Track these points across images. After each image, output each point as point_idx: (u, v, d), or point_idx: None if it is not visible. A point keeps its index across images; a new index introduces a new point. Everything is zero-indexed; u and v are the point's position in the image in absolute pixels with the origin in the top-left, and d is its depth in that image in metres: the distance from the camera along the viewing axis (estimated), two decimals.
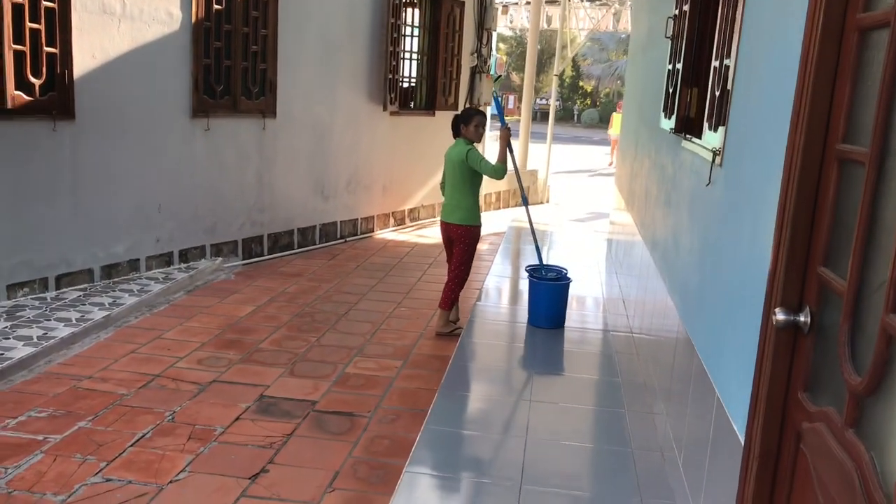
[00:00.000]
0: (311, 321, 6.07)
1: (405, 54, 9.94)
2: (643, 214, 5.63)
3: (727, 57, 3.17)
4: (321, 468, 3.76)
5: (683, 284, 3.72)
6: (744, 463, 2.32)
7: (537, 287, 5.89)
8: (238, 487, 3.54)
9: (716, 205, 3.11)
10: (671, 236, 4.21)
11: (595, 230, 10.82)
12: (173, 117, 6.90)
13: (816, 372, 2.04)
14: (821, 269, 2.01)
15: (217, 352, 5.26)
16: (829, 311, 1.98)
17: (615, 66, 40.41)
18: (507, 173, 5.65)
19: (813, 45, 2.04)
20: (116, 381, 4.67)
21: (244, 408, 4.40)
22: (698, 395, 3.14)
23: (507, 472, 3.63)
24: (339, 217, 9.17)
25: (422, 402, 4.57)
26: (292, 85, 8.08)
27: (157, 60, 6.67)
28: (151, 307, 6.16)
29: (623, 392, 4.71)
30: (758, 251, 2.44)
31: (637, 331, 5.27)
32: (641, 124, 6.35)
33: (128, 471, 3.63)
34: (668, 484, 3.54)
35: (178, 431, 4.06)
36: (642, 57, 7.03)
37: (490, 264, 8.16)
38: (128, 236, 6.66)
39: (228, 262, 7.64)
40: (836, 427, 1.81)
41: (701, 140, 3.56)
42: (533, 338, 5.74)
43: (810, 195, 2.08)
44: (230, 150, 7.52)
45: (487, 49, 11.62)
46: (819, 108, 2.04)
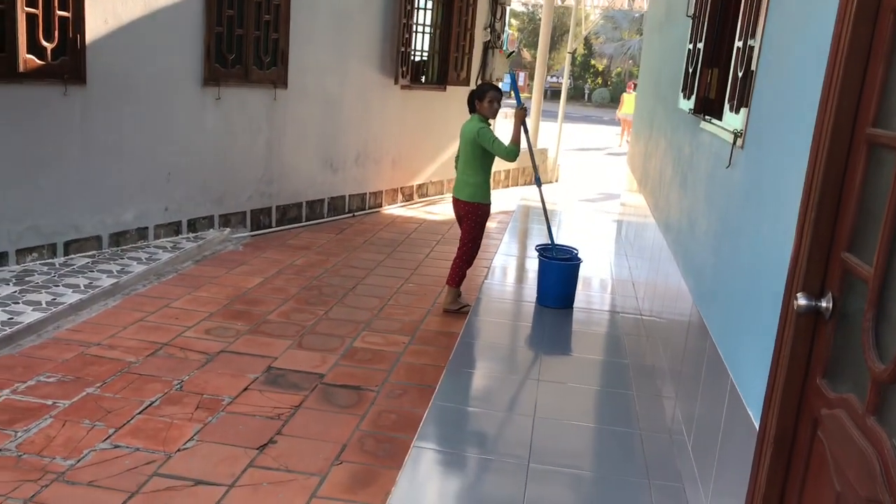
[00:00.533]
0: (319, 294, 6.06)
1: (418, 27, 9.85)
2: (657, 196, 5.58)
3: (752, 37, 3.11)
4: (329, 440, 3.76)
5: (698, 267, 3.70)
6: (758, 448, 2.30)
7: (547, 267, 5.87)
8: (246, 457, 3.55)
9: (735, 187, 3.07)
10: (686, 218, 4.17)
11: (605, 211, 10.77)
12: (184, 85, 6.85)
13: (837, 358, 2.02)
14: (845, 255, 1.98)
15: (225, 322, 5.26)
16: (853, 297, 1.95)
17: (628, 46, 40.05)
18: (519, 155, 5.60)
19: (846, 25, 2.00)
20: (124, 348, 4.68)
21: (252, 378, 4.40)
22: (711, 379, 3.12)
23: (514, 450, 3.63)
24: (347, 191, 9.14)
25: (429, 378, 4.56)
26: (304, 56, 8.02)
27: (169, 27, 6.61)
28: (159, 276, 6.16)
29: (631, 374, 4.70)
30: (779, 235, 2.41)
31: (647, 313, 5.25)
32: (657, 104, 6.28)
33: (136, 438, 3.64)
34: (676, 467, 3.54)
35: (186, 400, 4.07)
36: (659, 36, 6.95)
37: (499, 243, 8.13)
38: (136, 204, 6.64)
39: (236, 232, 7.63)
40: (857, 414, 1.79)
41: (721, 121, 3.51)
42: (541, 317, 5.72)
43: (837, 179, 2.04)
44: (240, 120, 7.48)
45: (501, 24, 11.51)
46: (850, 90, 2.00)
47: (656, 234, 5.29)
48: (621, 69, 42.79)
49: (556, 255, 6.01)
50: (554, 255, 6.02)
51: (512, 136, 5.60)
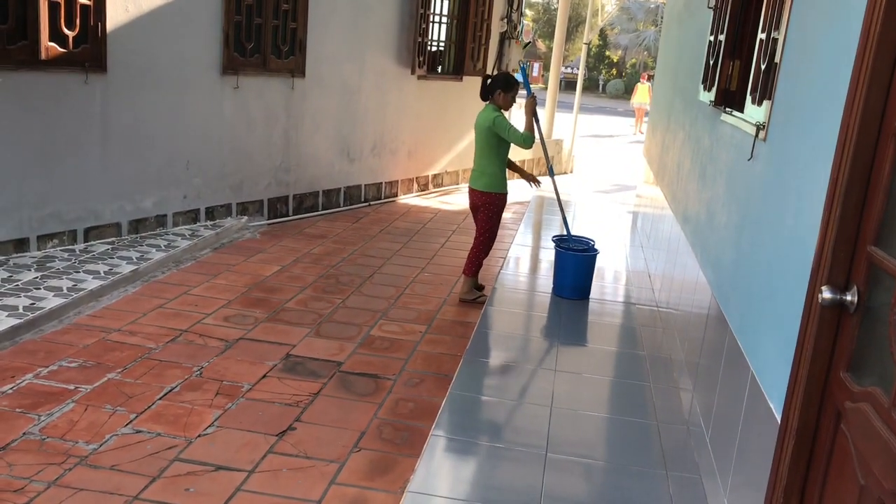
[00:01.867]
0: (336, 283, 6.09)
1: (435, 17, 9.83)
2: (674, 187, 5.57)
3: (776, 29, 3.10)
4: (347, 428, 3.79)
5: (717, 260, 3.69)
6: (779, 441, 2.31)
7: (564, 257, 5.87)
8: (265, 444, 3.58)
9: (757, 180, 3.07)
10: (705, 210, 4.16)
11: (620, 202, 10.75)
12: (203, 74, 6.88)
13: (861, 352, 2.02)
14: (871, 249, 1.98)
15: (243, 309, 5.30)
16: (879, 291, 1.95)
17: (643, 37, 39.82)
18: (534, 142, 5.60)
19: (876, 18, 1.99)
20: (145, 334, 4.72)
21: (271, 366, 4.43)
22: (730, 372, 3.13)
23: (531, 440, 3.65)
24: (363, 180, 9.16)
25: (446, 367, 4.59)
26: (321, 45, 8.03)
27: (188, 16, 6.63)
28: (178, 263, 6.20)
29: (647, 365, 4.70)
30: (802, 228, 2.41)
31: (663, 305, 5.25)
32: (676, 96, 6.26)
33: (157, 423, 3.68)
34: (694, 458, 3.55)
35: (206, 387, 4.11)
36: (678, 27, 6.91)
37: (514, 233, 8.14)
38: (156, 191, 6.68)
39: (254, 221, 7.67)
40: (882, 407, 1.80)
41: (743, 113, 3.50)
42: (557, 308, 5.73)
43: (864, 173, 2.04)
44: (258, 108, 7.51)
45: (518, 15, 11.47)
46: (878, 84, 1.99)
47: (674, 226, 5.28)
48: (636, 60, 42.56)
49: (572, 246, 6.01)
50: (570, 245, 6.02)
51: (525, 124, 5.60)
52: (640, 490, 3.31)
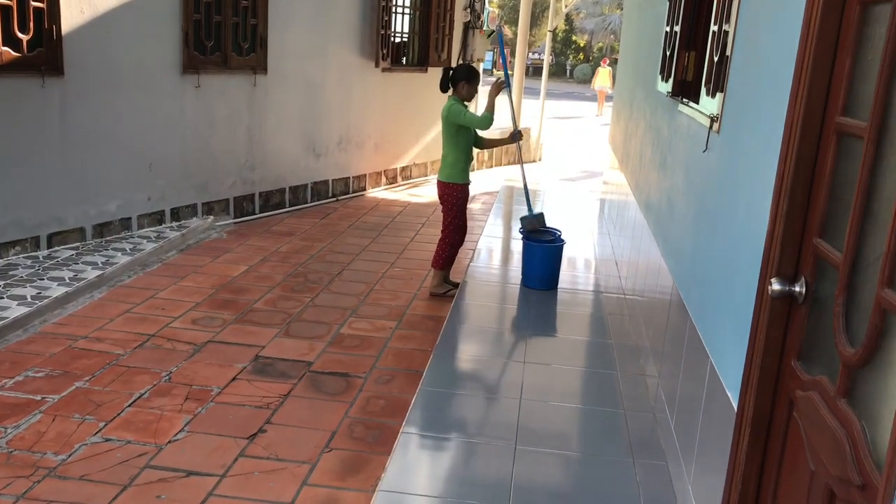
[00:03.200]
0: (305, 281, 6.09)
1: (397, 9, 9.80)
2: (637, 176, 5.63)
3: (726, 22, 3.15)
4: (318, 428, 3.81)
5: (677, 249, 3.75)
6: (736, 428, 2.37)
7: (532, 249, 5.92)
8: (236, 447, 3.59)
9: (712, 172, 3.12)
10: (666, 200, 4.22)
11: (588, 190, 10.82)
12: (163, 74, 6.82)
13: (810, 341, 2.08)
14: (817, 241, 2.03)
15: (211, 312, 5.29)
16: (825, 282, 2.01)
17: (609, 21, 39.95)
18: (492, 122, 5.60)
19: (815, 15, 2.04)
20: (112, 340, 4.70)
21: (240, 368, 4.44)
22: (691, 359, 3.19)
23: (501, 433, 3.69)
24: (330, 175, 9.14)
25: (416, 363, 4.62)
26: (283, 41, 7.98)
27: (146, 16, 6.56)
28: (144, 266, 6.16)
29: (615, 354, 4.77)
30: (754, 220, 2.46)
31: (629, 292, 5.31)
32: (637, 85, 6.31)
33: (127, 430, 3.67)
34: (661, 445, 3.61)
35: (176, 392, 4.10)
36: (638, 15, 6.97)
37: (483, 224, 8.17)
38: (119, 194, 6.62)
39: (220, 220, 7.63)
40: (829, 396, 1.85)
41: (698, 105, 3.56)
42: (526, 299, 5.78)
43: (808, 167, 2.09)
44: (221, 107, 7.45)
45: (480, 4, 11.48)
46: (819, 80, 2.04)
47: (637, 214, 5.34)
48: (602, 44, 42.70)
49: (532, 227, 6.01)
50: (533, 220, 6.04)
51: (487, 104, 5.63)
52: (607, 478, 3.36)
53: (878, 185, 1.73)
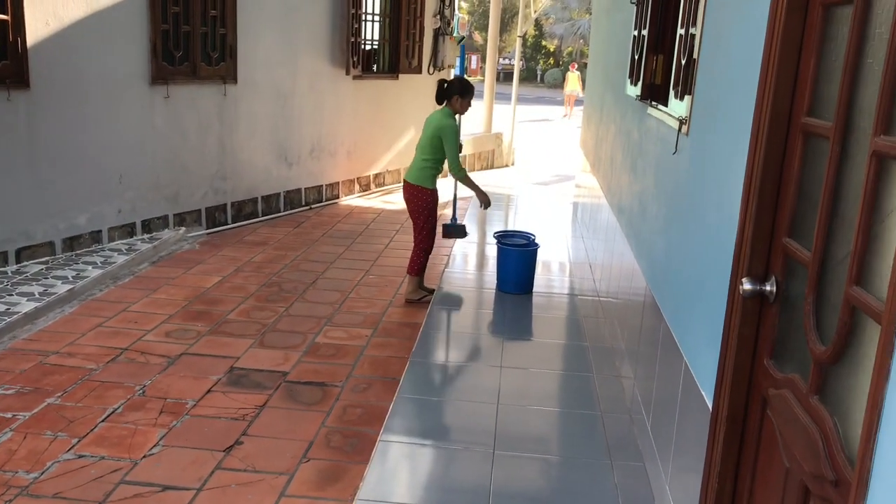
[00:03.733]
0: (279, 291, 6.05)
1: (367, 16, 9.80)
2: (609, 179, 5.67)
3: (693, 25, 3.18)
4: (295, 439, 3.78)
5: (650, 251, 3.78)
6: (711, 427, 2.39)
7: (506, 253, 5.93)
8: (213, 460, 3.56)
9: (682, 173, 3.15)
10: (638, 202, 4.25)
11: (561, 193, 10.87)
12: (132, 85, 6.75)
13: (782, 340, 2.10)
14: (786, 240, 2.06)
15: (185, 324, 5.23)
16: (795, 281, 2.03)
17: (578, 25, 40.26)
18: (462, 177, 5.67)
19: (779, 17, 2.06)
20: (84, 355, 4.63)
21: (215, 380, 4.39)
22: (666, 360, 3.21)
23: (479, 438, 3.69)
24: (303, 184, 9.10)
25: (393, 371, 4.60)
26: (252, 50, 7.94)
27: (113, 27, 6.50)
28: (116, 279, 6.09)
29: (591, 356, 4.79)
30: (724, 221, 2.48)
31: (604, 294, 5.34)
32: (607, 89, 6.36)
33: (100, 446, 3.62)
34: (637, 446, 3.63)
35: (150, 405, 4.05)
36: (607, 20, 7.02)
37: None
38: (89, 207, 6.54)
39: (192, 231, 7.56)
40: (801, 393, 1.87)
41: (667, 108, 3.59)
42: (502, 303, 5.79)
43: (776, 167, 2.12)
44: (191, 117, 7.40)
45: (450, 10, 11.50)
46: (785, 81, 2.07)
47: (610, 217, 5.38)
48: (572, 49, 42.99)
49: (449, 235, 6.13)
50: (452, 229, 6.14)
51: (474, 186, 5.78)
52: (586, 481, 3.38)
53: (844, 184, 1.75)
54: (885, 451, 1.32)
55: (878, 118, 1.51)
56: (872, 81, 1.63)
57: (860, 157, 1.67)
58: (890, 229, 1.49)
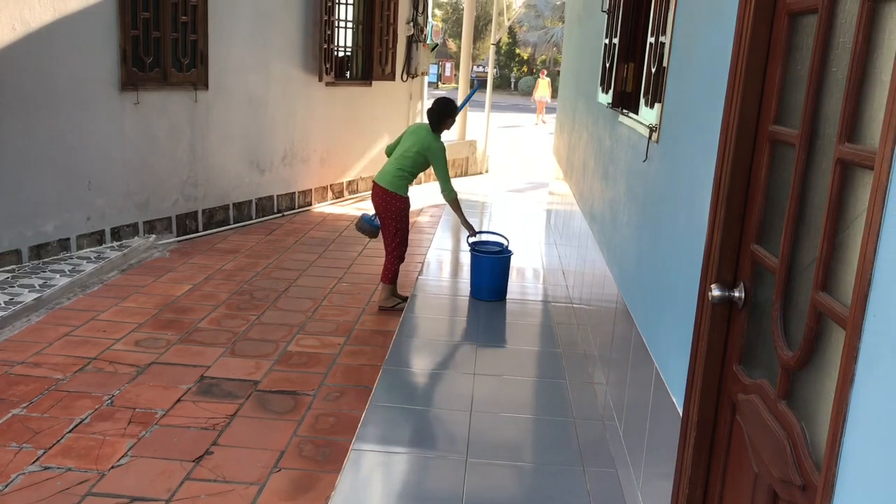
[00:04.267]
0: (251, 299, 6.00)
1: (340, 23, 9.78)
2: (581, 186, 5.70)
3: (663, 34, 3.21)
4: (266, 448, 3.75)
5: (621, 258, 3.80)
6: (682, 432, 2.40)
7: (480, 260, 5.93)
8: (182, 470, 3.51)
9: (652, 181, 3.17)
10: (609, 209, 4.28)
11: (534, 200, 10.91)
12: (101, 91, 6.67)
13: (751, 346, 2.12)
14: (754, 247, 2.07)
15: (155, 332, 5.17)
16: (763, 287, 2.05)
17: (551, 34, 40.49)
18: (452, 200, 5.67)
19: (746, 26, 2.09)
20: (51, 365, 4.56)
21: (185, 389, 4.34)
22: (637, 366, 3.23)
23: (453, 446, 3.68)
24: (275, 191, 9.05)
25: (366, 379, 4.58)
26: (224, 56, 7.89)
27: (82, 32, 6.42)
28: (84, 287, 6.01)
29: (564, 362, 4.80)
30: (693, 228, 2.50)
31: (577, 301, 5.36)
32: (579, 97, 6.40)
33: (67, 458, 3.56)
34: (610, 452, 3.64)
35: (118, 415, 3.99)
36: (579, 28, 7.07)
37: (432, 237, 8.18)
38: (56, 215, 6.45)
39: (162, 239, 7.48)
40: (770, 398, 1.89)
41: (638, 116, 3.61)
42: (475, 310, 5.79)
43: (744, 175, 2.14)
44: (161, 123, 7.33)
45: (423, 18, 11.52)
46: (752, 89, 2.09)
47: (582, 224, 5.40)
48: (546, 57, 43.24)
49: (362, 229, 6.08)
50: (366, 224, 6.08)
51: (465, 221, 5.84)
52: (558, 487, 3.38)
53: (810, 191, 1.77)
54: (850, 455, 1.33)
55: (842, 126, 1.53)
56: (837, 90, 1.65)
57: (825, 165, 1.69)
58: (855, 236, 1.51)
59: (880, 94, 1.43)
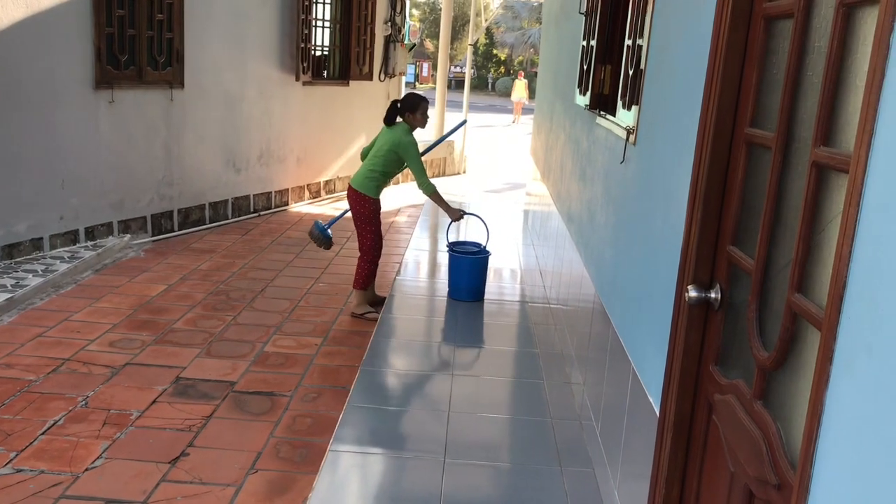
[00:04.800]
0: (227, 299, 5.96)
1: (317, 22, 9.75)
2: (559, 187, 5.72)
3: (640, 36, 3.23)
4: (243, 449, 3.73)
5: (599, 259, 3.82)
6: (659, 432, 2.42)
7: (458, 261, 5.94)
8: (158, 472, 3.48)
9: (629, 182, 3.19)
10: (587, 210, 4.30)
11: (512, 201, 10.94)
12: (75, 89, 6.60)
13: (727, 346, 2.14)
14: (730, 248, 2.09)
15: (129, 333, 5.12)
16: (739, 288, 2.07)
17: (528, 35, 40.62)
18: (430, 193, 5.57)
19: (722, 30, 2.11)
20: (23, 366, 4.50)
21: (160, 390, 4.30)
22: (614, 366, 3.24)
23: (430, 447, 3.68)
24: (252, 190, 8.99)
25: (343, 380, 4.57)
26: (200, 55, 7.84)
27: (55, 30, 6.34)
28: (58, 288, 5.93)
29: (541, 362, 4.81)
30: (670, 229, 2.52)
31: (554, 301, 5.38)
32: (556, 98, 6.43)
33: (40, 460, 3.52)
34: (587, 452, 3.66)
35: (93, 417, 3.95)
36: (556, 30, 7.10)
37: (409, 237, 8.17)
38: (29, 214, 6.37)
39: (137, 238, 7.41)
40: (745, 399, 1.91)
41: (615, 117, 3.63)
42: (453, 311, 5.79)
43: (720, 176, 2.16)
44: (136, 122, 7.26)
45: (401, 18, 11.52)
46: (728, 92, 2.11)
47: (560, 224, 5.42)
48: (523, 58, 43.38)
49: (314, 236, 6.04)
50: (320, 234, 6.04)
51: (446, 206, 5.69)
52: (535, 487, 3.39)
53: (785, 193, 1.80)
54: (825, 454, 1.35)
55: (818, 129, 1.55)
56: (812, 93, 1.67)
57: (801, 167, 1.71)
58: (830, 238, 1.53)
59: (855, 98, 1.45)
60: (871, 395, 1.21)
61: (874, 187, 1.25)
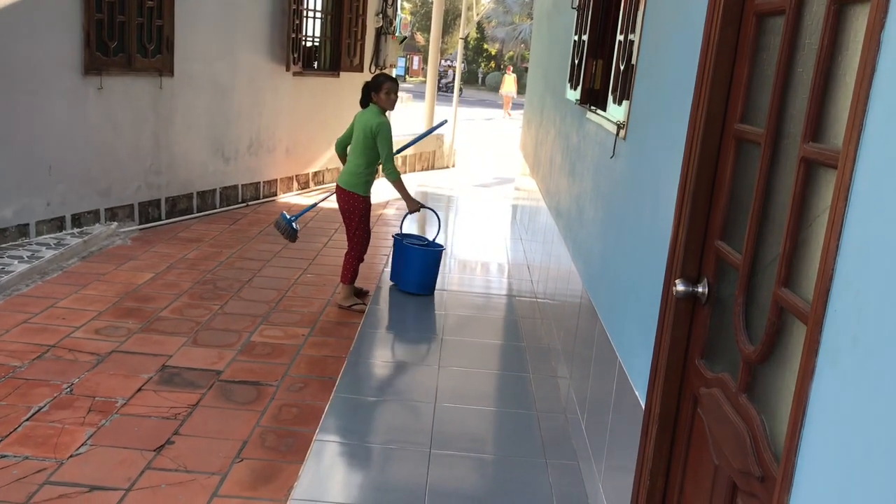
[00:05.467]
0: (214, 288, 5.94)
1: (308, 13, 9.71)
2: (548, 182, 5.74)
3: (632, 32, 3.24)
4: (228, 438, 3.72)
5: (587, 253, 3.84)
6: (644, 425, 2.44)
7: (409, 252, 5.89)
8: (143, 460, 3.47)
9: (619, 177, 3.21)
10: (575, 205, 4.31)
11: (500, 195, 10.95)
12: (64, 75, 6.55)
13: (713, 340, 2.16)
14: (718, 243, 2.11)
15: (115, 321, 5.10)
16: (726, 282, 2.09)
17: (519, 30, 40.60)
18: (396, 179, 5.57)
19: (714, 26, 2.12)
20: (8, 352, 4.47)
21: (146, 378, 4.29)
22: (601, 360, 3.26)
23: (416, 438, 3.69)
24: (240, 180, 8.96)
25: (330, 370, 4.57)
26: (190, 43, 7.79)
27: (44, 15, 6.29)
28: (43, 274, 5.90)
29: (528, 356, 4.83)
30: (659, 224, 2.54)
31: (541, 296, 5.40)
32: (547, 92, 6.43)
33: (24, 446, 3.50)
34: (572, 445, 3.68)
35: (78, 404, 3.94)
36: (548, 24, 7.10)
37: (397, 230, 8.14)
38: (15, 200, 6.32)
39: (124, 226, 7.37)
40: (731, 392, 1.93)
41: (605, 112, 3.65)
42: (441, 303, 5.80)
43: (710, 172, 2.17)
44: (125, 109, 7.21)
45: (392, 10, 11.49)
46: (719, 88, 2.13)
47: (548, 219, 5.44)
48: (513, 53, 43.37)
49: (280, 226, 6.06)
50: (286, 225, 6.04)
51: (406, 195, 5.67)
52: (520, 480, 3.40)
53: (774, 189, 1.81)
54: (809, 447, 1.37)
55: (807, 125, 1.56)
56: (802, 90, 1.69)
57: (790, 163, 1.73)
58: (817, 233, 1.55)
59: (844, 94, 1.46)
60: (855, 387, 1.23)
61: (862, 183, 1.26)
